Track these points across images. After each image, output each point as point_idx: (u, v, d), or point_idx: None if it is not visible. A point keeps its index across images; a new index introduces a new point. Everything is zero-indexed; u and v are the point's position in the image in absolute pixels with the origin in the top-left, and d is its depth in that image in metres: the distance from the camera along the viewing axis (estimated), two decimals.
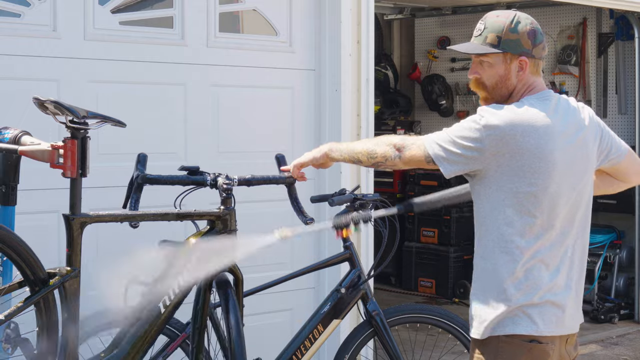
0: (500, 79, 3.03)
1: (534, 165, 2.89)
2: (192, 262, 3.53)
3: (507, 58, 3.02)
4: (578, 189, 3.02)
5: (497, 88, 3.04)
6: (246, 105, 5.33)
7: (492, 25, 3.03)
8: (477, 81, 3.08)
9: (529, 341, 2.93)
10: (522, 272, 2.93)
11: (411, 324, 4.38)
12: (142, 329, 3.52)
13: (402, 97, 9.62)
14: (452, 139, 2.95)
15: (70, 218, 3.40)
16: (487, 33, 3.03)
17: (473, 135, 2.91)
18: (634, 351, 6.98)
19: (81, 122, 3.36)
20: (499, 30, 3.01)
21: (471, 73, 3.09)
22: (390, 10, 9.50)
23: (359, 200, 4.09)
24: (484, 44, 3.03)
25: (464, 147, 2.92)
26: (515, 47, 3.01)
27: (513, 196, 2.92)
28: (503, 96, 3.04)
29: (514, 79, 3.02)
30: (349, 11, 5.51)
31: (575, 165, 2.99)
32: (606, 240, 8.06)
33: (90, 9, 4.69)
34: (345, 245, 4.14)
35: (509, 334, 2.94)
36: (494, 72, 3.03)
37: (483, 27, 3.05)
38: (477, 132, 2.91)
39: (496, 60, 3.02)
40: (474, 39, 3.08)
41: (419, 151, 3.01)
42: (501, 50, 3.01)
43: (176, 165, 4.97)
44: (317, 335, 4.06)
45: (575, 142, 2.99)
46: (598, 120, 3.13)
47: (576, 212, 3.04)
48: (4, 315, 3.26)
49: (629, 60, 8.34)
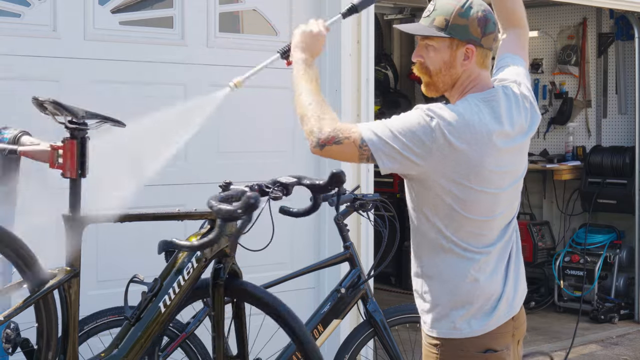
0: (444, 65, 2.85)
1: (473, 173, 2.73)
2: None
3: (454, 44, 2.82)
4: (516, 185, 2.90)
5: (441, 75, 2.86)
6: (246, 105, 5.33)
7: (442, 7, 2.84)
8: (420, 65, 2.91)
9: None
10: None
11: (411, 324, 4.38)
12: (142, 329, 3.51)
13: (402, 97, 9.61)
14: (393, 133, 2.71)
15: (70, 218, 3.40)
16: (436, 15, 2.84)
17: (420, 137, 2.70)
18: (634, 351, 6.97)
19: (80, 122, 3.36)
20: (448, 14, 2.81)
21: (415, 56, 2.92)
22: (390, 10, 9.50)
23: (359, 200, 4.09)
24: (430, 27, 2.85)
25: (406, 147, 2.69)
26: (462, 33, 2.81)
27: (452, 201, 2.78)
28: (446, 84, 2.88)
29: (458, 67, 2.83)
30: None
31: (514, 166, 2.87)
32: (606, 240, 8.05)
33: (90, 9, 4.69)
34: (345, 245, 4.14)
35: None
36: (438, 57, 2.85)
37: (433, 8, 2.86)
38: (425, 134, 2.69)
39: (441, 45, 2.83)
40: (422, 19, 2.90)
41: (349, 148, 2.73)
42: (447, 34, 2.81)
43: (176, 165, 5.00)
44: (317, 335, 4.06)
45: (515, 145, 2.84)
46: (525, 95, 2.93)
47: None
48: (3, 315, 3.26)
49: (629, 60, 8.34)
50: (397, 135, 2.71)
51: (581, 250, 8.03)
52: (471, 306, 2.83)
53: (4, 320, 3.26)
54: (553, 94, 8.80)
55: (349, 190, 4.18)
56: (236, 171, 5.02)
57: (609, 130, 8.57)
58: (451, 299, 2.84)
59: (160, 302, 3.53)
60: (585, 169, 8.35)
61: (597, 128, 8.64)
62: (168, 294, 3.54)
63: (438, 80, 2.89)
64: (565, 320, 7.59)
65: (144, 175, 3.17)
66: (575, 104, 8.65)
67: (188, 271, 3.58)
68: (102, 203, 3.37)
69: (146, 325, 3.51)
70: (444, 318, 2.86)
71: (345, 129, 2.77)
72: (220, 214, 3.03)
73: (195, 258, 3.59)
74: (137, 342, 3.50)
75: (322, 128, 2.79)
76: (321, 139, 2.78)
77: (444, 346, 2.88)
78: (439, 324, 2.88)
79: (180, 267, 3.57)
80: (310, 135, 2.82)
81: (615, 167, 8.18)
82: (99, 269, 4.66)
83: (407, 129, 2.72)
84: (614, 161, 8.19)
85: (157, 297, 3.54)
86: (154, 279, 3.57)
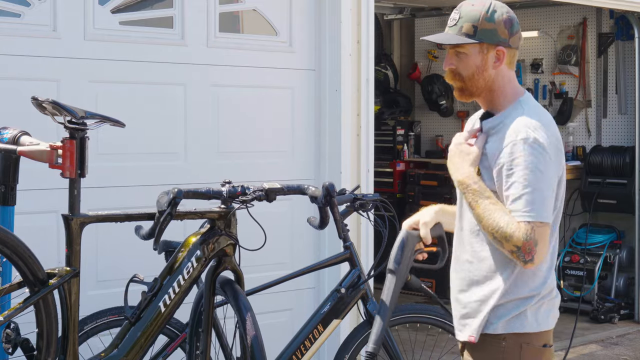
0: (477, 69, 2.93)
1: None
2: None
3: (484, 48, 2.91)
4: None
5: (474, 79, 2.94)
6: (246, 105, 5.33)
7: (468, 14, 2.92)
8: (452, 72, 2.97)
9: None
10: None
11: (411, 324, 4.38)
12: (142, 329, 3.52)
13: (402, 97, 9.61)
14: (542, 185, 2.80)
15: (70, 218, 3.39)
16: (463, 23, 2.92)
17: (553, 176, 2.84)
18: (634, 351, 6.97)
19: (79, 122, 3.36)
20: (475, 20, 2.90)
21: (446, 65, 2.98)
22: (390, 10, 9.50)
23: (359, 200, 4.09)
24: (459, 34, 2.92)
25: (553, 190, 2.85)
26: (491, 36, 2.91)
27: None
28: (480, 88, 2.96)
29: (490, 70, 2.93)
30: (349, 11, 5.51)
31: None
32: (606, 240, 8.05)
33: (90, 9, 4.69)
34: (345, 245, 4.13)
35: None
36: (470, 62, 2.93)
37: (458, 16, 2.93)
38: (549, 159, 2.83)
39: (472, 51, 2.92)
40: (449, 29, 2.97)
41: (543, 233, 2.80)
42: (477, 40, 2.90)
43: (176, 165, 5.01)
44: (317, 335, 4.05)
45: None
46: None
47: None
48: (3, 315, 3.26)
49: (629, 60, 8.34)
50: (548, 191, 2.81)
51: (581, 250, 8.03)
52: (542, 300, 2.96)
53: (4, 320, 3.26)
54: (553, 93, 8.80)
55: (349, 190, 4.17)
56: (236, 171, 5.02)
57: (609, 130, 8.57)
58: (521, 294, 2.91)
59: (160, 302, 3.54)
60: (585, 168, 8.35)
61: (597, 128, 8.64)
62: (168, 294, 3.55)
63: (472, 85, 2.96)
64: (566, 320, 7.53)
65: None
66: (575, 104, 8.65)
67: (188, 271, 3.58)
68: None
69: (146, 325, 3.52)
70: (512, 314, 2.91)
71: (528, 232, 2.78)
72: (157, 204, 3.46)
73: (195, 257, 3.59)
74: (137, 342, 3.50)
75: (518, 246, 2.79)
76: (526, 255, 2.80)
77: (508, 340, 2.93)
78: (505, 320, 2.92)
79: (180, 267, 3.58)
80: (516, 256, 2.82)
81: (615, 167, 8.18)
82: (99, 269, 4.66)
83: (545, 180, 2.81)
84: (614, 161, 8.19)
85: (157, 297, 3.54)
86: (154, 279, 3.57)
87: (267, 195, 3.64)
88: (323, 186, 3.78)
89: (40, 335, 3.37)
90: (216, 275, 3.65)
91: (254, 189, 3.63)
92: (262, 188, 3.64)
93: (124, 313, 3.56)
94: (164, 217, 3.42)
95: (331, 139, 5.53)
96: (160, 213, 3.44)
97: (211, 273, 3.65)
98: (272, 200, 3.67)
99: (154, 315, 3.52)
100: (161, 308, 3.53)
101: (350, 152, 5.52)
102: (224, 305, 3.86)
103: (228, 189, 3.61)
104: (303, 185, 3.86)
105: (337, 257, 4.23)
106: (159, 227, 3.43)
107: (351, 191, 4.16)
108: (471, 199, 2.85)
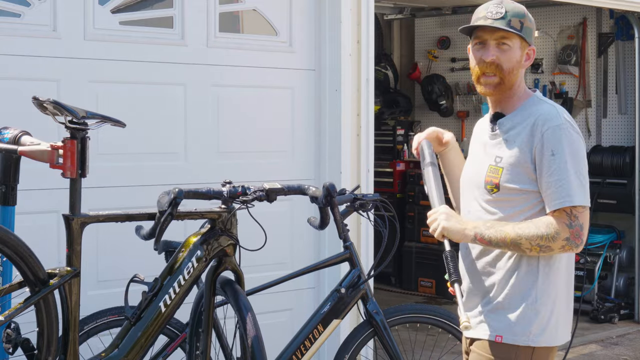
0: (516, 64, 2.97)
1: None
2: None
3: (523, 45, 2.98)
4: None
5: (512, 73, 2.97)
6: (246, 105, 5.33)
7: (513, 10, 2.97)
8: (493, 64, 2.96)
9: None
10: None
11: (411, 324, 4.38)
12: (142, 329, 3.52)
13: (402, 97, 9.61)
14: (582, 170, 3.05)
15: (70, 218, 3.39)
16: (511, 17, 2.94)
17: (583, 149, 3.05)
18: (634, 351, 6.98)
19: (80, 122, 3.36)
20: (521, 16, 2.97)
21: (488, 55, 2.96)
22: (390, 10, 9.50)
23: (359, 200, 4.09)
24: (507, 27, 2.94)
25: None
26: (529, 35, 2.99)
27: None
28: (512, 84, 2.99)
29: (521, 67, 3.00)
30: (349, 11, 5.51)
31: None
32: (606, 240, 8.05)
33: (90, 9, 4.69)
34: (345, 245, 4.13)
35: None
36: (512, 55, 2.96)
37: (504, 10, 2.95)
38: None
39: (515, 45, 2.96)
40: (495, 21, 2.95)
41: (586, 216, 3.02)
42: (524, 35, 2.96)
43: (177, 165, 5.01)
44: (317, 335, 4.05)
45: None
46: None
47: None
48: (4, 315, 3.26)
49: (629, 60, 8.34)
50: (586, 176, 3.08)
51: (581, 250, 8.02)
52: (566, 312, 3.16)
53: (4, 320, 3.26)
54: (553, 93, 8.80)
55: (349, 190, 4.17)
56: (236, 171, 5.02)
57: (609, 130, 8.57)
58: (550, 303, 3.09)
59: (161, 302, 3.54)
60: None
61: (597, 128, 8.64)
62: (168, 294, 3.55)
63: (510, 79, 2.99)
64: None
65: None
66: (575, 104, 8.65)
67: (188, 271, 3.58)
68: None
69: (146, 325, 3.52)
70: (543, 325, 3.12)
71: (570, 219, 2.97)
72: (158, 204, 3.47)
73: (196, 257, 3.59)
74: (138, 342, 3.50)
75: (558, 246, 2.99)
76: (577, 240, 3.00)
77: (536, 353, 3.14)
78: (540, 333, 3.13)
79: (181, 267, 3.58)
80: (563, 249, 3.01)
81: (615, 167, 8.18)
82: (99, 269, 4.66)
83: (583, 165, 3.07)
84: (614, 161, 8.19)
85: (157, 297, 3.54)
86: (154, 279, 3.57)
87: (267, 196, 3.65)
88: (324, 186, 3.78)
89: (40, 335, 3.37)
90: (216, 275, 3.65)
91: (255, 189, 3.64)
92: (263, 188, 3.64)
93: (125, 313, 3.56)
94: (164, 217, 3.42)
95: (331, 139, 5.53)
96: (160, 213, 3.44)
97: (211, 273, 3.65)
98: (272, 200, 3.67)
99: (155, 315, 3.52)
100: (161, 308, 3.53)
101: (350, 152, 5.52)
102: (224, 305, 3.86)
103: (229, 189, 3.61)
104: (303, 185, 3.86)
105: (337, 257, 4.23)
106: (160, 227, 3.43)
107: (351, 191, 4.16)
108: (495, 236, 2.95)
